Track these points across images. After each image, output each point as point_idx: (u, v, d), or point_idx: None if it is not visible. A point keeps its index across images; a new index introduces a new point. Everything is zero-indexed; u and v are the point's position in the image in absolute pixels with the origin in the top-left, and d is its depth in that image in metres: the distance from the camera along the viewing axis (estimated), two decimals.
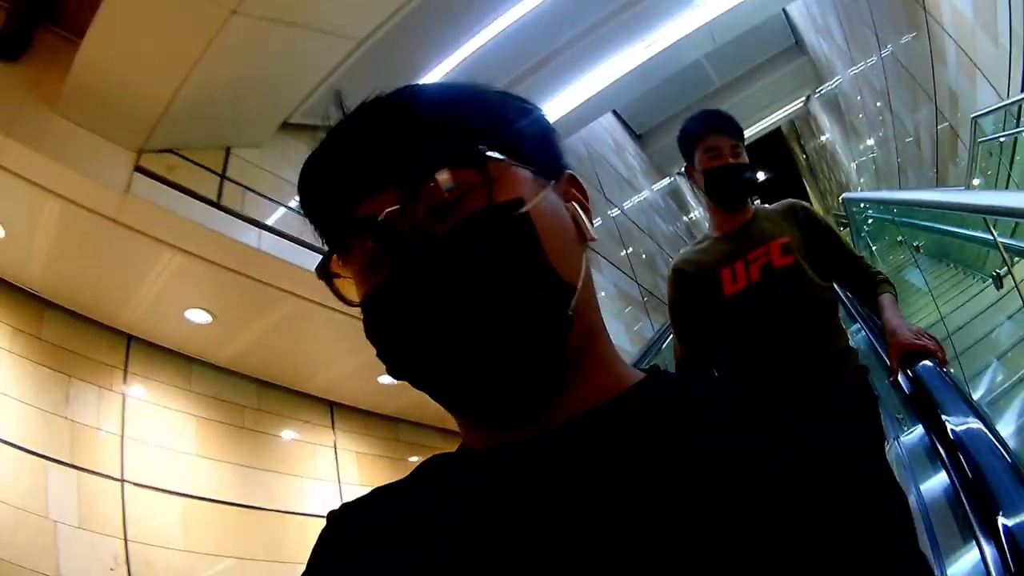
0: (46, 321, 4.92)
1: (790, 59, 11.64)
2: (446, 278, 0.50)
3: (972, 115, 5.71)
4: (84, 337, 5.01)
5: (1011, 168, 5.33)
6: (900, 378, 1.99)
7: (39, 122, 3.77)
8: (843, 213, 9.30)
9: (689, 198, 14.74)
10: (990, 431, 1.62)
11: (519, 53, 5.48)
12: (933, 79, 7.32)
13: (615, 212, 9.27)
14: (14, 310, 4.79)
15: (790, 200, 2.29)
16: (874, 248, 7.74)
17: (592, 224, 0.60)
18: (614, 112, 9.43)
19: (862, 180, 11.99)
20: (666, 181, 10.38)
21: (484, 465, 0.54)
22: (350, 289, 0.57)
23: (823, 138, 13.87)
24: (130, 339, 5.28)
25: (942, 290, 5.62)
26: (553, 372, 0.52)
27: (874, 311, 2.12)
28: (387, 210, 0.53)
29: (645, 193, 10.36)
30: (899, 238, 6.38)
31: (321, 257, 0.57)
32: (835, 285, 2.20)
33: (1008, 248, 3.88)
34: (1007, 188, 5.36)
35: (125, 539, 4.52)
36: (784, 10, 10.00)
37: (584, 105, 6.94)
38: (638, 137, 10.03)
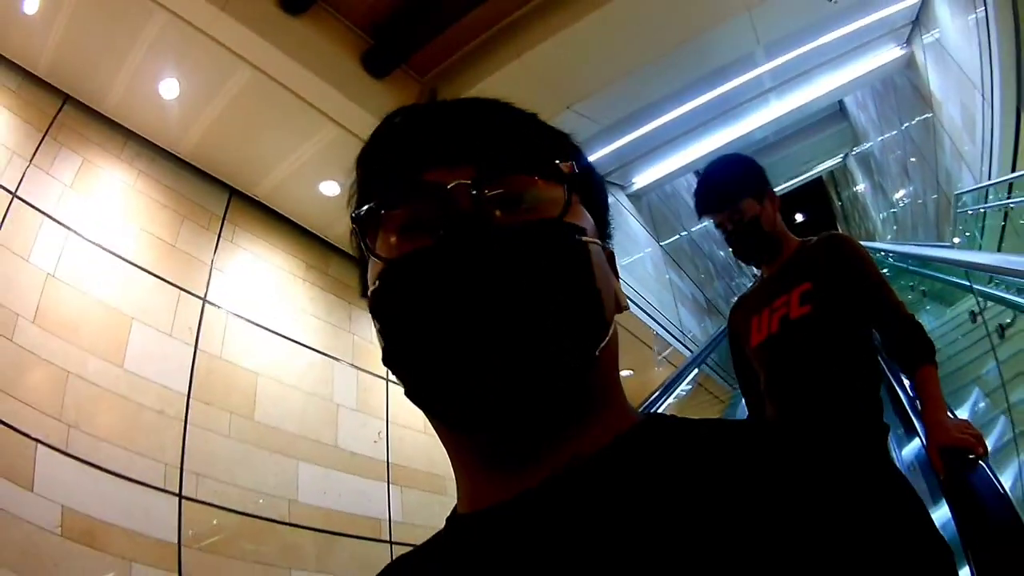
0: (331, 261, 6.50)
1: (833, 122, 13.18)
2: (497, 262, 0.47)
3: (956, 192, 7.63)
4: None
5: (981, 234, 6.86)
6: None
7: None
8: None
9: None
10: None
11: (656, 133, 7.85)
12: (936, 159, 9.15)
13: (684, 234, 11.38)
14: (307, 251, 6.41)
15: (830, 233, 2.13)
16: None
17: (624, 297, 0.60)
18: None
19: (886, 231, 13.38)
20: None
21: (494, 525, 0.49)
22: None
23: (856, 188, 15.43)
24: None
25: (948, 329, 5.82)
26: (567, 398, 0.48)
27: (912, 384, 1.90)
28: (459, 181, 0.50)
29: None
30: (910, 284, 7.05)
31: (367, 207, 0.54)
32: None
33: (981, 293, 4.54)
34: (979, 248, 6.77)
35: (387, 421, 6.13)
36: None
37: (677, 171, 9.27)
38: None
